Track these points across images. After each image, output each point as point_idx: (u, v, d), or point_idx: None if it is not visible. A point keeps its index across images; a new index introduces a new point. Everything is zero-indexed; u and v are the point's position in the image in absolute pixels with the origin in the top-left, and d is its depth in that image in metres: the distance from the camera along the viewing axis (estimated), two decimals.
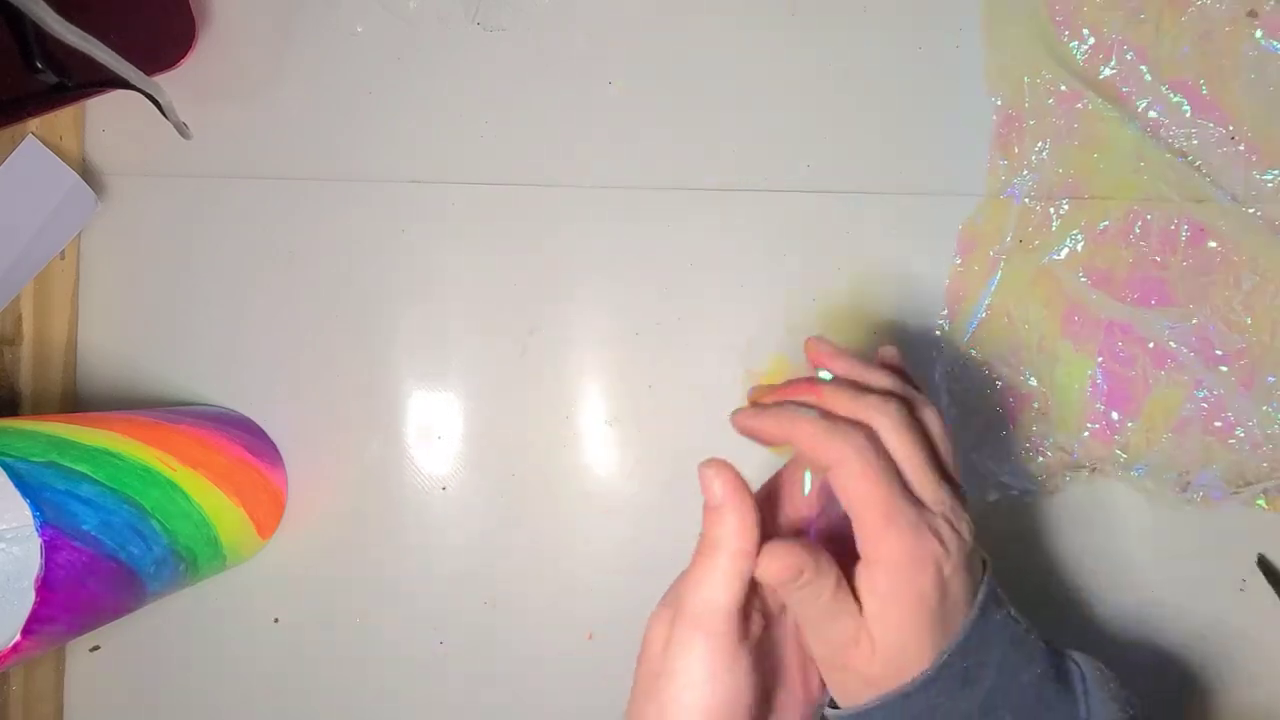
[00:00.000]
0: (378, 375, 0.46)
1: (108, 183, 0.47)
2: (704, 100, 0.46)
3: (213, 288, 0.47)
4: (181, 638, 0.46)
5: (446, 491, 0.46)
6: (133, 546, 0.36)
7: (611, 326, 0.46)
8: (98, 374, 0.47)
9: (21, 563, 0.38)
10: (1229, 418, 0.44)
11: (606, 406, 0.46)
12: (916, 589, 0.29)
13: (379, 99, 0.46)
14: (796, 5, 0.46)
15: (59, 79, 0.35)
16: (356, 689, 0.46)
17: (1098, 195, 0.44)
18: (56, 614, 0.33)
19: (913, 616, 0.29)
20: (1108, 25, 0.44)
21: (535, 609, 0.45)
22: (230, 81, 0.47)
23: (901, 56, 0.46)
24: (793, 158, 0.46)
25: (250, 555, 0.45)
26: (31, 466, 0.33)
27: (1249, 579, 0.44)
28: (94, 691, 0.46)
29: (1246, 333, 0.44)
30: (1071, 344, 0.44)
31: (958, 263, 0.45)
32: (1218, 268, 0.44)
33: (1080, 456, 0.44)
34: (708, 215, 0.46)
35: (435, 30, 0.46)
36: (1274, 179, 0.44)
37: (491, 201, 0.46)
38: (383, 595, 0.46)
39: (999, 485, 0.44)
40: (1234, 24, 0.44)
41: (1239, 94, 0.44)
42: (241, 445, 0.44)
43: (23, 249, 0.44)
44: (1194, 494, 0.43)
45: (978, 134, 0.45)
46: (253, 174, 0.47)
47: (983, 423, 0.44)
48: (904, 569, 0.29)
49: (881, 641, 0.29)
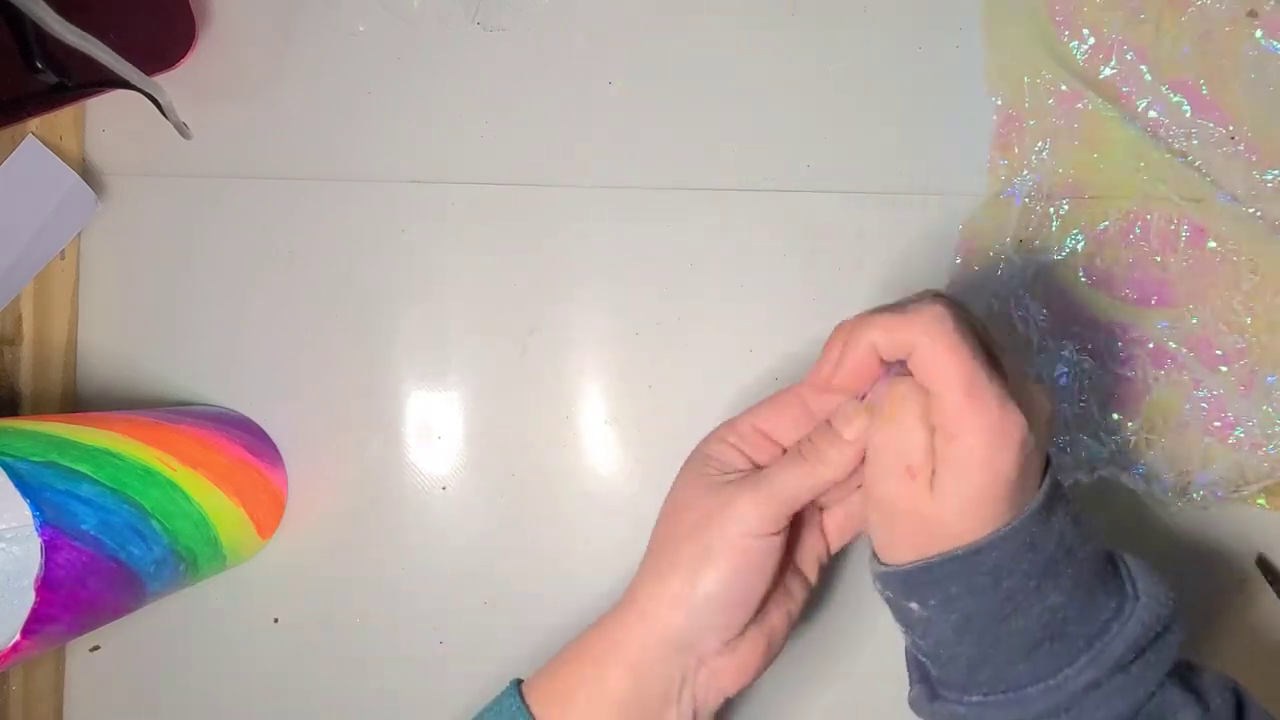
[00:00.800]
0: (378, 375, 0.46)
1: (108, 183, 0.47)
2: (704, 100, 0.46)
3: (213, 288, 0.47)
4: (181, 638, 0.46)
5: (446, 491, 0.46)
6: (133, 546, 0.36)
7: (611, 326, 0.46)
8: (98, 374, 0.47)
9: (21, 563, 0.38)
10: (1229, 418, 0.44)
11: (606, 406, 0.46)
12: (996, 468, 0.29)
13: (379, 99, 0.46)
14: (796, 5, 0.46)
15: (59, 79, 0.35)
16: (356, 689, 0.46)
17: (1098, 195, 0.44)
18: (56, 614, 0.33)
19: (987, 488, 0.29)
20: (1108, 25, 0.44)
21: (535, 609, 0.45)
22: (230, 81, 0.47)
23: (901, 56, 0.46)
24: (793, 158, 0.46)
25: (250, 555, 0.45)
26: (31, 466, 0.33)
27: (1249, 579, 0.44)
28: (94, 691, 0.46)
29: (1246, 333, 0.44)
30: (1071, 344, 0.44)
31: (958, 262, 0.45)
32: (1217, 268, 0.44)
33: (1080, 456, 0.44)
34: (708, 215, 0.46)
35: (435, 30, 0.46)
36: (1274, 179, 0.44)
37: (491, 201, 0.46)
38: (383, 595, 0.46)
39: None
40: (1234, 24, 0.44)
41: (1239, 94, 0.44)
42: (241, 445, 0.44)
43: (23, 249, 0.44)
44: (1194, 494, 0.43)
45: (978, 134, 0.45)
46: (253, 174, 0.47)
47: None
48: (985, 445, 0.28)
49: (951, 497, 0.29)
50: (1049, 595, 0.30)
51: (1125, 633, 0.30)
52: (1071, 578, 0.30)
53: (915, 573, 0.30)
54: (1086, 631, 0.30)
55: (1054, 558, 0.30)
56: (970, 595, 0.30)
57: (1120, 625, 0.30)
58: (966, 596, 0.30)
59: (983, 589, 0.29)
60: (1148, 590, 0.31)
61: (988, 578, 0.29)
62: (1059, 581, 0.30)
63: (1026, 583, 0.29)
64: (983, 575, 0.29)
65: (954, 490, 0.29)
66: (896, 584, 0.31)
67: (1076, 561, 0.30)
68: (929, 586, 0.30)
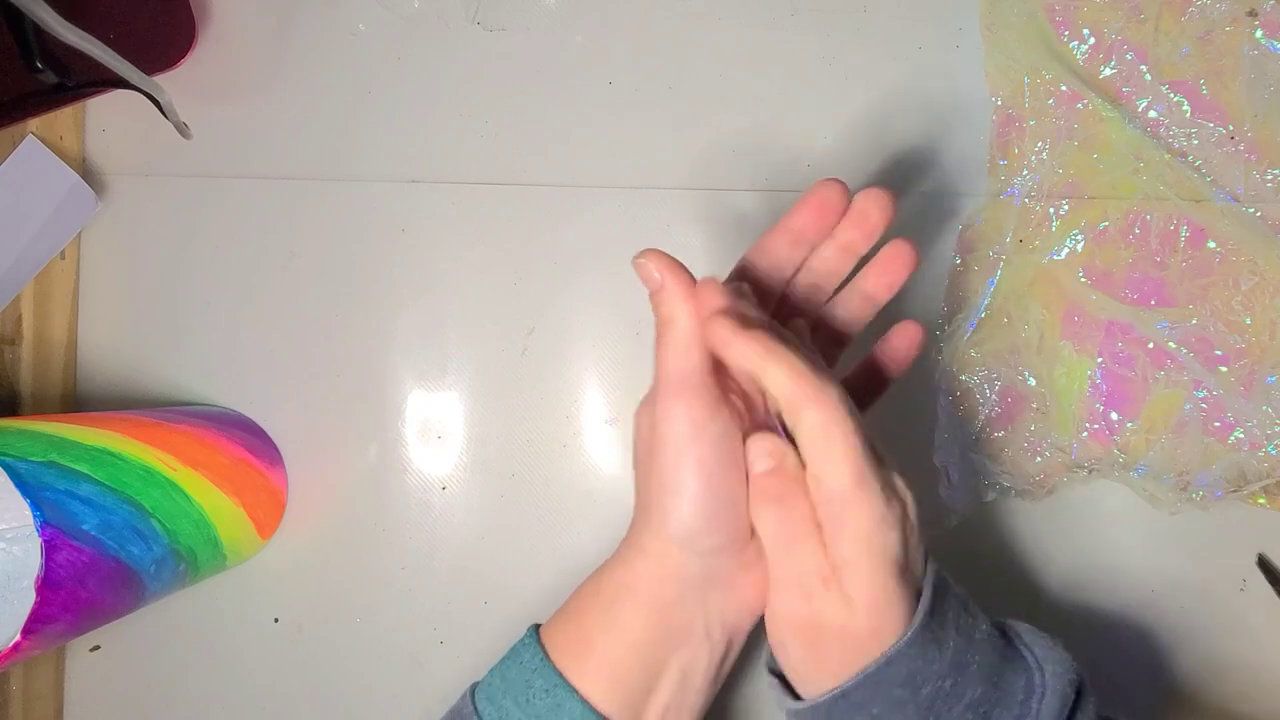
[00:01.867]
0: (378, 375, 0.46)
1: (108, 183, 0.47)
2: (704, 100, 0.46)
3: (213, 287, 0.47)
4: (181, 638, 0.46)
5: (446, 491, 0.46)
6: (133, 546, 0.36)
7: (611, 326, 0.46)
8: (98, 374, 0.47)
9: (21, 562, 0.38)
10: (1228, 418, 0.44)
11: (606, 406, 0.46)
12: (888, 548, 0.29)
13: (379, 99, 0.46)
14: (796, 5, 0.46)
15: (59, 79, 0.35)
16: (356, 689, 0.46)
17: (1097, 195, 0.44)
18: (56, 614, 0.33)
19: (884, 573, 0.29)
20: (1108, 25, 0.44)
21: (535, 609, 0.45)
22: (230, 81, 0.47)
23: (901, 56, 0.46)
24: (793, 158, 0.46)
25: (250, 555, 0.45)
26: (31, 466, 0.33)
27: (1249, 579, 0.44)
28: (94, 691, 0.46)
29: (1246, 333, 0.44)
30: (1071, 344, 0.44)
31: (957, 263, 0.45)
32: (1217, 268, 0.44)
33: (1079, 457, 0.44)
34: (707, 215, 0.46)
35: (435, 30, 0.46)
36: (1274, 179, 0.44)
37: (491, 201, 0.46)
38: (383, 595, 0.46)
39: (997, 485, 0.44)
40: (1234, 24, 0.44)
41: (1239, 94, 0.44)
42: (241, 445, 0.44)
43: (23, 249, 0.44)
44: (1194, 494, 0.43)
45: (978, 134, 0.45)
46: (253, 174, 0.47)
47: (981, 423, 0.44)
48: (876, 528, 0.28)
49: (857, 594, 0.29)
50: (965, 690, 0.29)
51: (1046, 707, 0.29)
52: (979, 664, 0.29)
53: (832, 702, 0.29)
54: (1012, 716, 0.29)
55: (959, 648, 0.29)
56: (892, 713, 0.28)
57: (1038, 702, 0.29)
58: (889, 715, 0.28)
59: (903, 702, 0.28)
60: (1046, 657, 0.30)
61: (905, 690, 0.28)
62: (969, 672, 0.29)
63: (942, 684, 0.29)
64: (899, 688, 0.28)
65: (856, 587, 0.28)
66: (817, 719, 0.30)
67: (978, 646, 0.30)
68: (850, 713, 0.29)
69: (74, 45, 0.34)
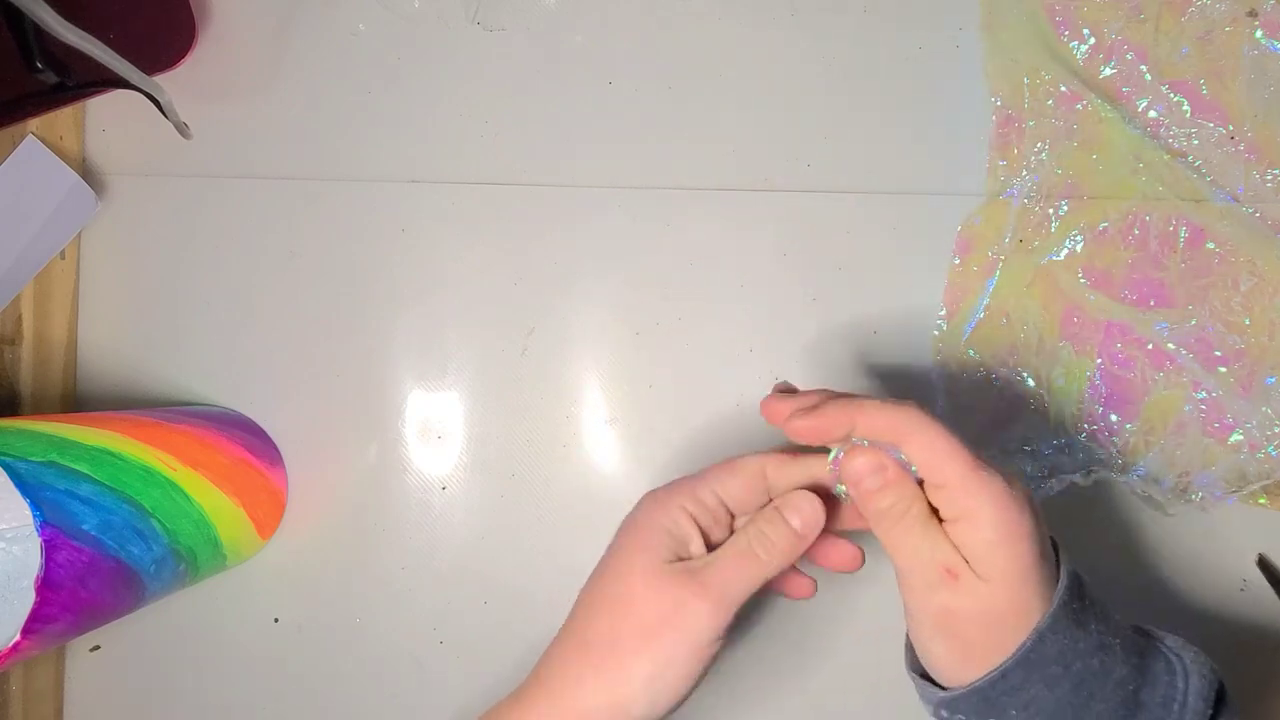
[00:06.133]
0: (377, 375, 0.46)
1: (108, 183, 0.47)
2: (704, 100, 0.46)
3: (213, 287, 0.47)
4: (181, 638, 0.46)
5: (446, 491, 0.46)
6: (133, 546, 0.36)
7: (611, 326, 0.46)
8: (98, 374, 0.47)
9: (21, 562, 0.38)
10: (1228, 419, 0.44)
11: (606, 406, 0.46)
12: (1024, 524, 0.29)
13: (379, 99, 0.46)
14: (796, 5, 0.46)
15: (59, 79, 0.35)
16: (356, 689, 0.46)
17: (1097, 196, 0.44)
18: (56, 614, 0.33)
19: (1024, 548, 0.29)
20: (1108, 25, 0.44)
21: (535, 609, 0.45)
22: (230, 81, 0.47)
23: (901, 56, 0.46)
24: (793, 158, 0.46)
25: (250, 555, 0.45)
26: (31, 466, 0.33)
27: (1249, 579, 0.44)
28: (94, 691, 0.46)
29: (1245, 334, 0.44)
30: (1070, 345, 0.44)
31: (956, 263, 0.45)
32: (1216, 269, 0.44)
33: (1078, 459, 0.44)
34: (708, 215, 0.46)
35: (435, 30, 0.46)
36: (1274, 179, 0.44)
37: (491, 201, 0.46)
38: (383, 595, 0.46)
39: None
40: (1234, 24, 0.44)
41: (1239, 94, 0.44)
42: (241, 445, 0.44)
43: (23, 249, 0.44)
44: (1193, 495, 0.43)
45: (977, 134, 0.45)
46: (253, 174, 0.47)
47: (980, 424, 0.44)
48: (1009, 510, 0.29)
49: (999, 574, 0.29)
50: (1113, 669, 0.29)
51: (1193, 688, 0.29)
52: (1121, 645, 0.30)
53: (989, 686, 0.29)
54: (1160, 697, 0.29)
55: (1100, 629, 0.30)
56: (1048, 690, 0.29)
57: (1184, 681, 0.30)
58: (1045, 694, 0.29)
59: (1057, 679, 0.29)
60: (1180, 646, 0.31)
61: (1058, 666, 0.29)
62: (1114, 652, 0.29)
63: (1090, 661, 0.29)
64: (1053, 665, 0.29)
65: (998, 568, 0.29)
66: (973, 705, 0.30)
67: (1116, 628, 0.30)
68: (1008, 696, 0.29)
69: (74, 45, 0.34)
